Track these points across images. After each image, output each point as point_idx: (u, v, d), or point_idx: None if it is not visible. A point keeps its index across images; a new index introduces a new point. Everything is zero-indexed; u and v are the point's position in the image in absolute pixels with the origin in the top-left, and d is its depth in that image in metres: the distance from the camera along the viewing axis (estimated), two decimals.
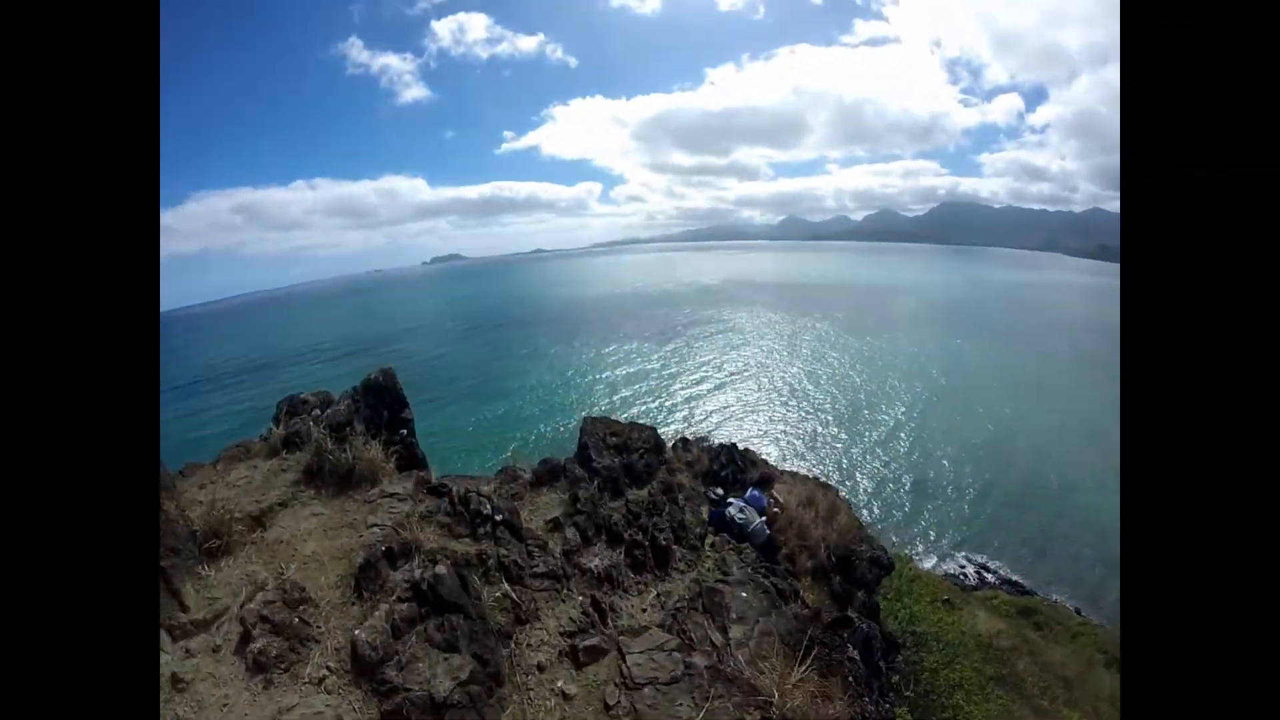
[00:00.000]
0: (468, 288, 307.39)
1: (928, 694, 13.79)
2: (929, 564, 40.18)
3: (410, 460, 11.44)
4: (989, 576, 40.90)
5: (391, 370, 12.44)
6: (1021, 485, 52.61)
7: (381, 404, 11.95)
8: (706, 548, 11.51)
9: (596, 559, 9.85)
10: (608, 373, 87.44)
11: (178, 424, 74.53)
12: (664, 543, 10.69)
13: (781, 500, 13.58)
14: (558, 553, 9.69)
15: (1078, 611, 34.22)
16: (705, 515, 12.73)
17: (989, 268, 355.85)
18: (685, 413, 68.81)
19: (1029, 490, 51.74)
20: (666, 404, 71.94)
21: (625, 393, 76.03)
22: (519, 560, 8.98)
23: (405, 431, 11.69)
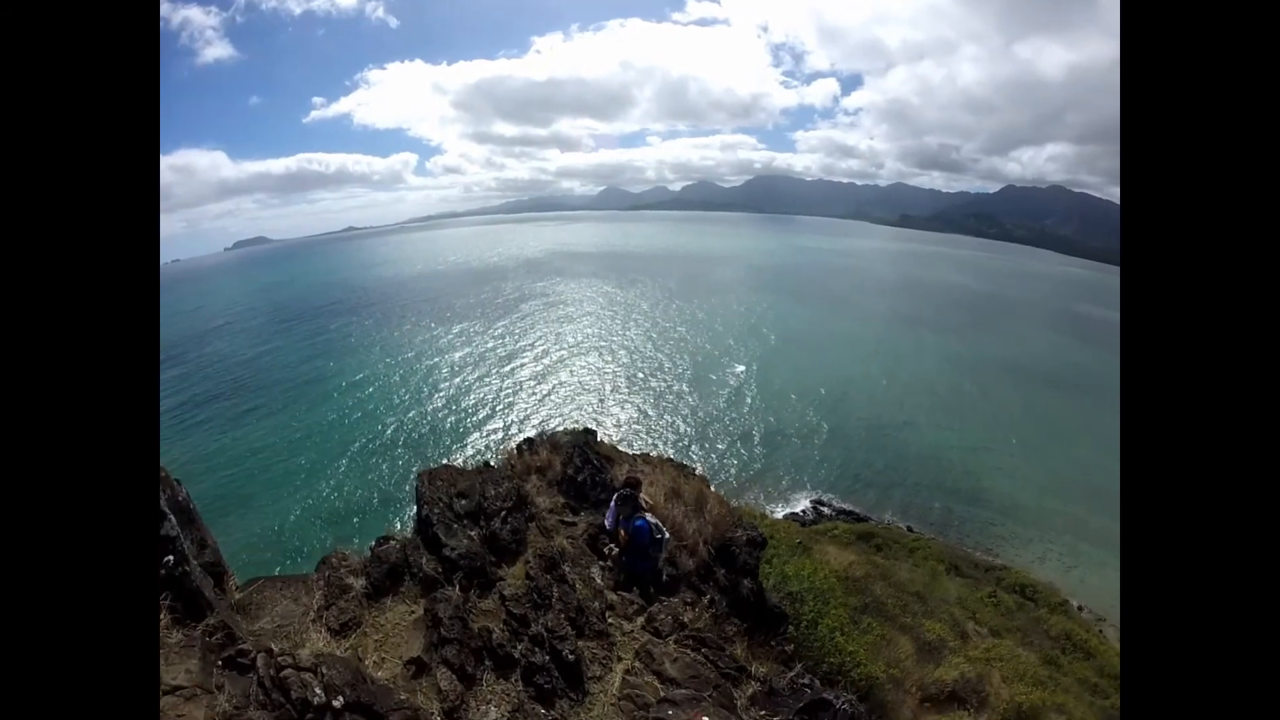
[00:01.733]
0: (277, 273, 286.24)
1: (812, 645, 13.96)
2: (778, 512, 43.10)
3: (189, 605, 8.33)
4: (825, 510, 44.98)
5: None
6: (844, 427, 58.54)
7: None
8: (613, 625, 9.85)
9: (491, 709, 7.78)
10: (441, 358, 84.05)
11: None
12: (569, 656, 8.53)
13: (649, 501, 12.16)
14: (437, 716, 7.47)
15: (909, 530, 38.88)
16: (606, 524, 11.67)
17: (803, 235, 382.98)
18: (530, 394, 68.06)
19: (850, 433, 57.72)
20: (508, 386, 70.58)
21: (464, 378, 73.78)
22: None
23: (171, 558, 8.49)
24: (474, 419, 62.00)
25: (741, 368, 75.04)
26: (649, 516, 11.04)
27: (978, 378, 78.56)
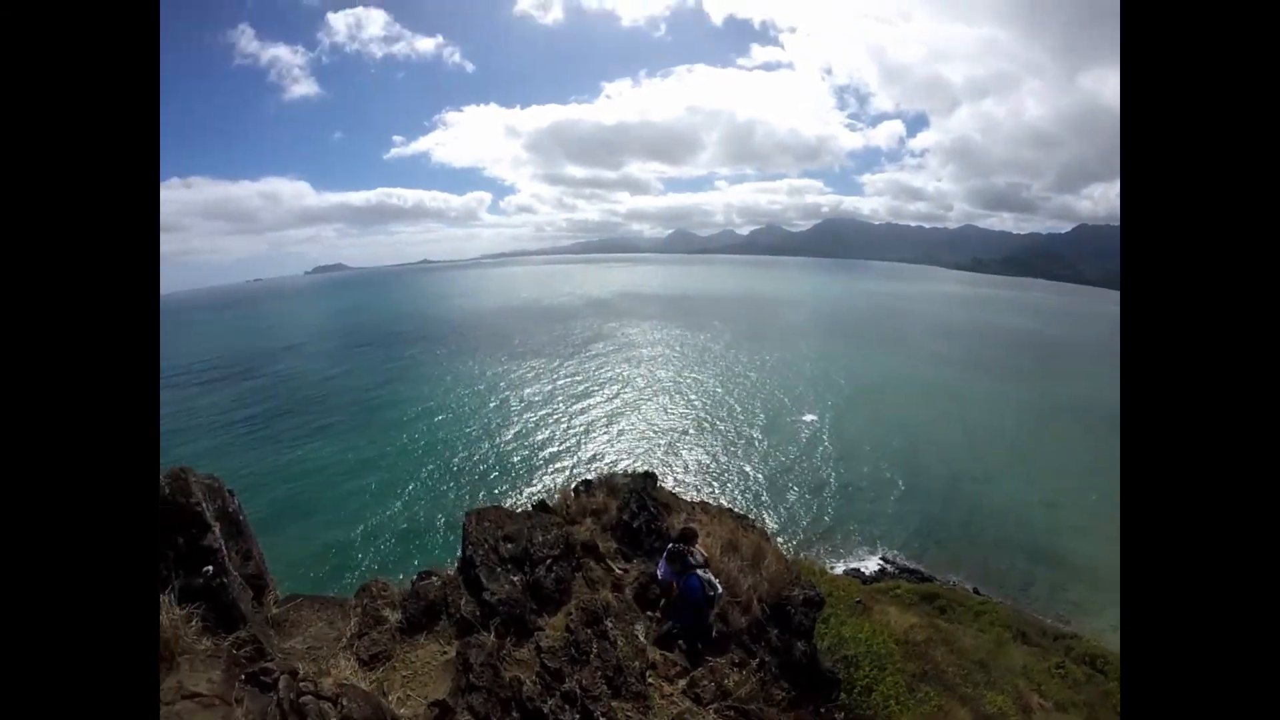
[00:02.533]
0: (354, 299, 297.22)
1: (864, 713, 13.44)
2: (839, 567, 41.49)
3: (222, 615, 8.20)
4: (888, 567, 43.03)
5: (183, 474, 8.61)
6: (914, 481, 55.44)
7: (172, 529, 8.26)
8: (652, 686, 9.28)
9: None
10: (512, 392, 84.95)
11: None
12: (600, 718, 8.07)
13: (705, 554, 11.50)
14: None
15: (976, 591, 36.44)
16: (658, 574, 11.00)
17: (872, 279, 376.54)
18: (596, 434, 67.90)
19: (921, 486, 54.63)
20: (576, 425, 70.44)
21: (533, 414, 74.10)
22: None
23: (210, 569, 8.37)
24: (540, 455, 62.07)
25: (812, 415, 73.30)
26: (701, 573, 10.50)
27: (1052, 427, 74.54)
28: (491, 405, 79.01)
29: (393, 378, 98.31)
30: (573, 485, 15.38)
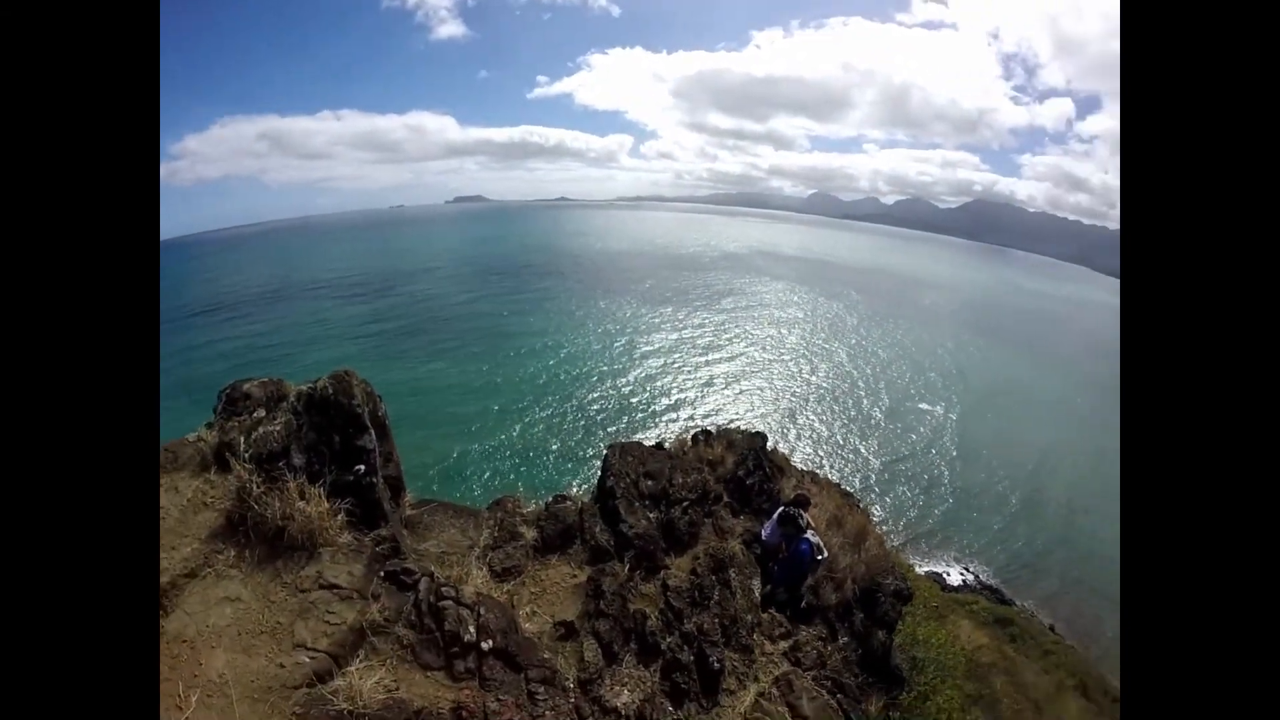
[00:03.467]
0: (490, 229, 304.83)
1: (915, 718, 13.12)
2: (923, 566, 40.64)
3: (366, 512, 8.33)
4: (969, 579, 42.13)
5: (347, 376, 8.68)
6: (1022, 498, 53.10)
7: (330, 427, 8.33)
8: (756, 642, 9.36)
9: (625, 692, 7.45)
10: (639, 336, 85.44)
11: (176, 358, 73.21)
12: (715, 664, 7.98)
13: (813, 523, 11.54)
14: (571, 683, 7.24)
15: (1051, 629, 34.84)
16: (762, 534, 11.17)
17: (1022, 273, 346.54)
18: (716, 389, 68.12)
19: (1029, 505, 52.22)
20: (699, 377, 70.71)
21: (653, 364, 74.35)
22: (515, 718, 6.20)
23: (362, 468, 8.51)
24: (659, 402, 62.94)
25: (938, 408, 70.20)
26: (812, 536, 10.55)
27: None
28: (617, 346, 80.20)
29: (523, 308, 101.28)
30: (691, 433, 15.41)
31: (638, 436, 52.75)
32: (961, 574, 42.67)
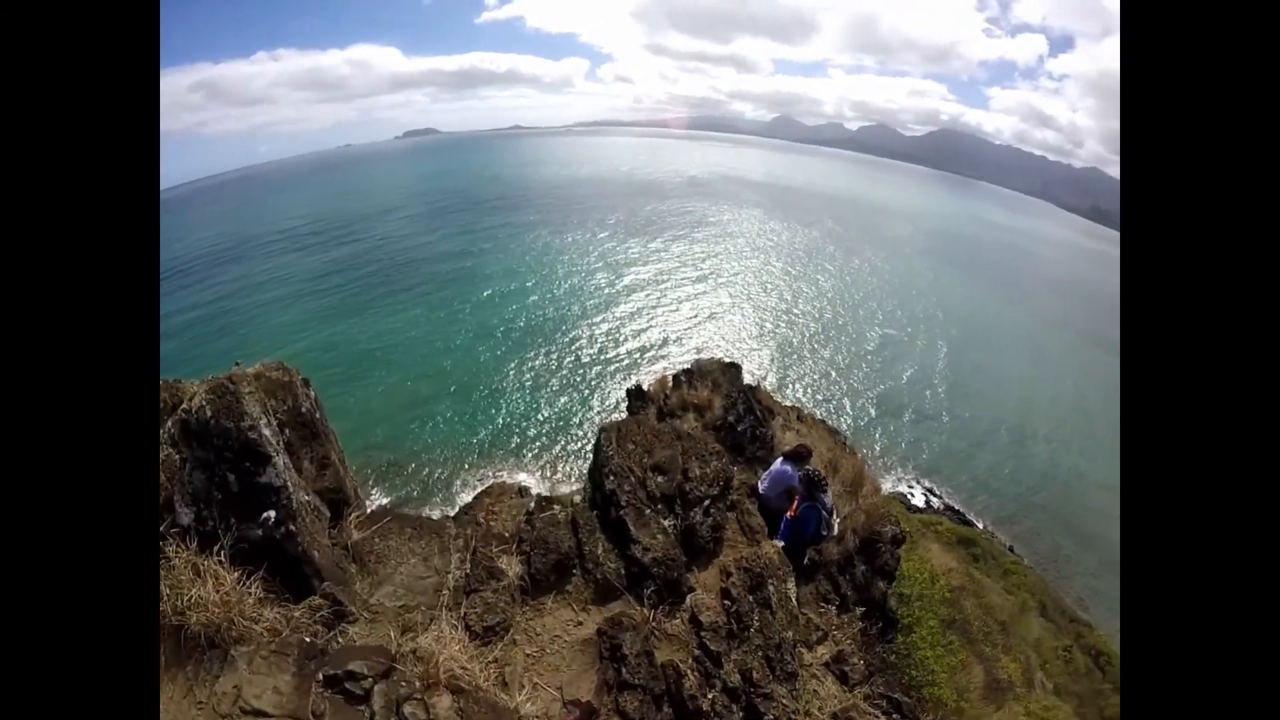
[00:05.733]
0: (445, 163, 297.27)
1: (900, 652, 13.26)
2: (887, 485, 42.03)
3: (289, 573, 6.04)
4: (934, 502, 43.80)
5: (232, 386, 6.25)
6: (985, 425, 55.41)
7: (219, 461, 5.99)
8: (799, 662, 7.86)
9: None
10: (611, 274, 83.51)
11: None
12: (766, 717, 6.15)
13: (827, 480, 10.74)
14: None
15: (1011, 549, 37.10)
16: (760, 488, 10.58)
17: (984, 204, 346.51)
18: (684, 318, 68.28)
19: (991, 432, 54.64)
20: (677, 316, 69.69)
21: (632, 300, 73.16)
22: None
23: (272, 514, 6.20)
24: (643, 337, 62.39)
25: (900, 334, 71.94)
26: (825, 511, 9.73)
27: None
28: (592, 284, 78.66)
29: (489, 247, 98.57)
30: (671, 373, 14.96)
31: (622, 380, 52.74)
32: (924, 494, 44.35)
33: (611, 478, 7.96)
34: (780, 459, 10.61)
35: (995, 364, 68.71)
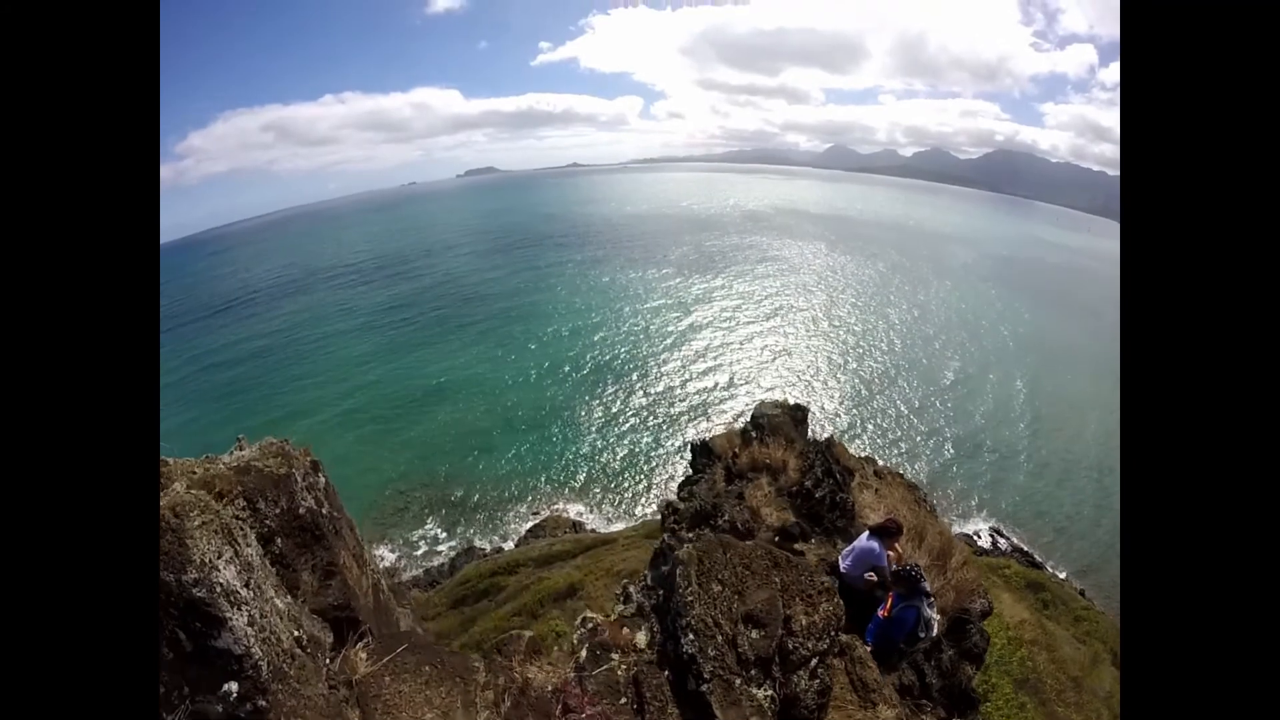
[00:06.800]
0: (504, 200, 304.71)
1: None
2: (954, 526, 40.51)
3: None
4: (1001, 543, 42.34)
5: (175, 520, 4.48)
6: (1053, 456, 52.94)
7: (165, 618, 4.29)
8: None
9: None
10: (673, 312, 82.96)
11: (199, 361, 73.21)
12: None
13: (901, 552, 9.90)
14: None
15: (1082, 594, 34.79)
16: (842, 566, 9.64)
17: (1045, 226, 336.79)
18: (749, 358, 67.26)
19: (1057, 462, 52.08)
20: (745, 357, 68.37)
21: (693, 342, 72.29)
22: None
23: (234, 688, 4.78)
24: (711, 380, 61.71)
25: (968, 366, 69.47)
26: (926, 610, 8.65)
27: None
28: (655, 323, 78.24)
29: (551, 283, 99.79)
30: (739, 425, 14.55)
31: (687, 421, 52.68)
32: (991, 534, 42.98)
33: (691, 636, 5.88)
34: (866, 534, 9.47)
35: (1066, 388, 66.20)
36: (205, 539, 4.54)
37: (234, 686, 4.55)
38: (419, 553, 39.34)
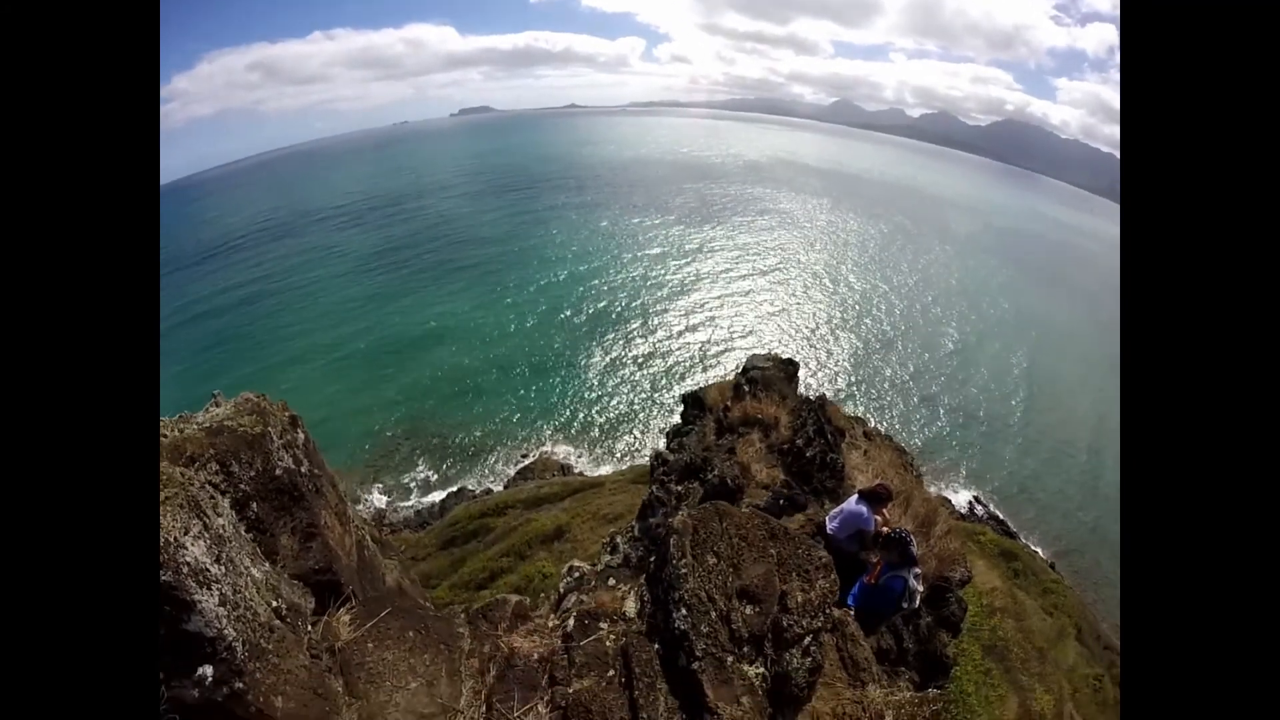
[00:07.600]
0: (500, 141, 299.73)
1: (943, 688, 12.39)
2: (931, 488, 40.43)
3: None
4: (979, 510, 43.23)
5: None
6: (1037, 431, 53.64)
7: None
8: None
9: None
10: (672, 264, 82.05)
11: (187, 310, 72.36)
12: None
13: (889, 518, 9.73)
14: None
15: (1052, 566, 35.67)
16: (828, 527, 9.48)
17: (1049, 201, 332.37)
18: (745, 313, 67.04)
19: (1041, 438, 52.77)
20: (732, 309, 68.13)
21: (691, 294, 71.56)
22: None
23: (209, 671, 4.59)
24: (711, 333, 61.62)
25: (967, 335, 69.39)
26: (912, 579, 8.45)
27: None
28: (655, 273, 77.64)
29: (549, 228, 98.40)
30: (731, 378, 13.96)
31: (682, 372, 52.75)
32: (969, 499, 43.90)
33: (684, 611, 5.65)
34: (855, 497, 9.29)
35: (1055, 367, 66.47)
36: (170, 515, 4.29)
37: (209, 670, 4.36)
38: (410, 494, 39.83)
